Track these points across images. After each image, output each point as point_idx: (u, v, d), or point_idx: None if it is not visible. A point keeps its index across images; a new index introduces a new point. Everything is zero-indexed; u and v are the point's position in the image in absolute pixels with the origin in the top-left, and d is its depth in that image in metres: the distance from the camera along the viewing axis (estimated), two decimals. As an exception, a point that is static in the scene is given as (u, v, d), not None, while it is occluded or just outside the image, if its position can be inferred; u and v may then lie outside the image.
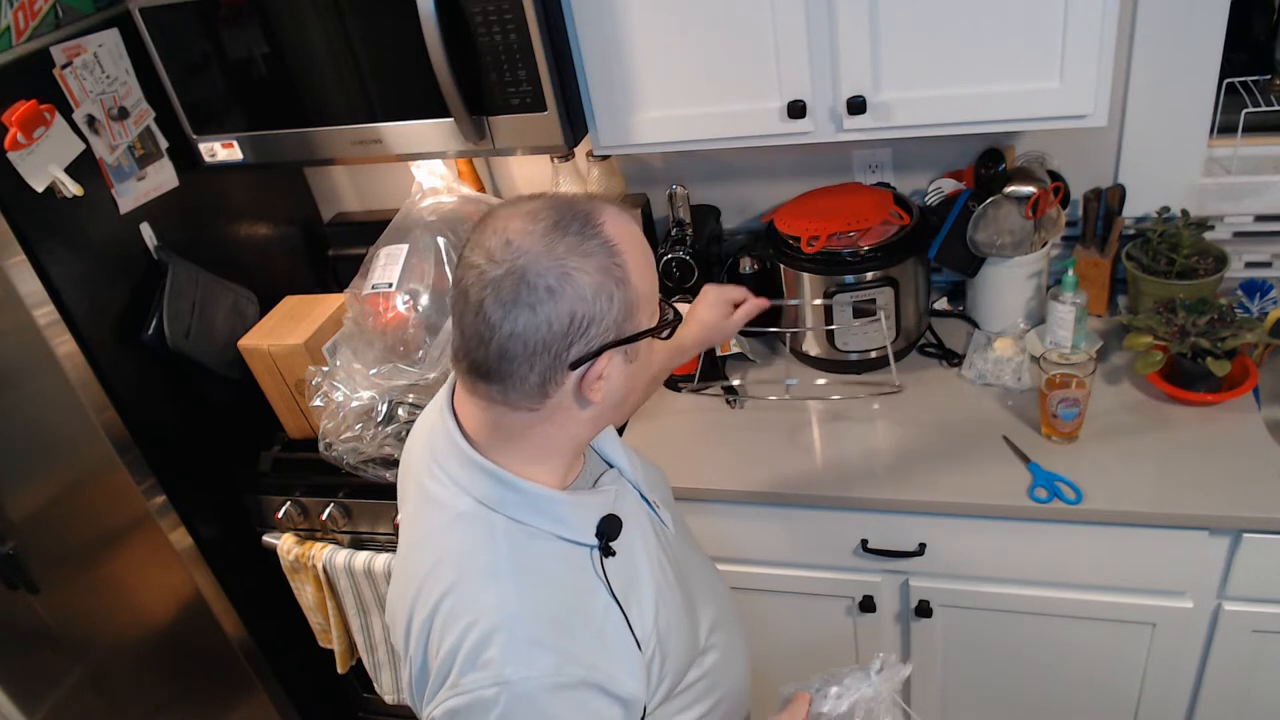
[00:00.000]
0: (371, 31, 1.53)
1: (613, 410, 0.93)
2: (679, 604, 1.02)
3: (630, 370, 0.91)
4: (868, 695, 1.06)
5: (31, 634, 2.08)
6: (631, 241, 0.86)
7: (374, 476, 1.72)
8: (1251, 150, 1.72)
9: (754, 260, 1.86)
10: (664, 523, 1.08)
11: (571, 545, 0.92)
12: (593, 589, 0.91)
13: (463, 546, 0.89)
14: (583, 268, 0.82)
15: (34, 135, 1.47)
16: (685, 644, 1.01)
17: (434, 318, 1.75)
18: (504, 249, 0.82)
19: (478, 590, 0.86)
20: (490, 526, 0.89)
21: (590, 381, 0.86)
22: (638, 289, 0.86)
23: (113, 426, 1.65)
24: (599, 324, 0.84)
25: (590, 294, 0.83)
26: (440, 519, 0.92)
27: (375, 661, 1.94)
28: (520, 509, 0.90)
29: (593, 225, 0.84)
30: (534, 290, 0.81)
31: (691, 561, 1.13)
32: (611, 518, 0.95)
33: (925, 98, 1.45)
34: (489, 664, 0.83)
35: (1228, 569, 1.43)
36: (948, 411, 1.65)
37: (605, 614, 0.90)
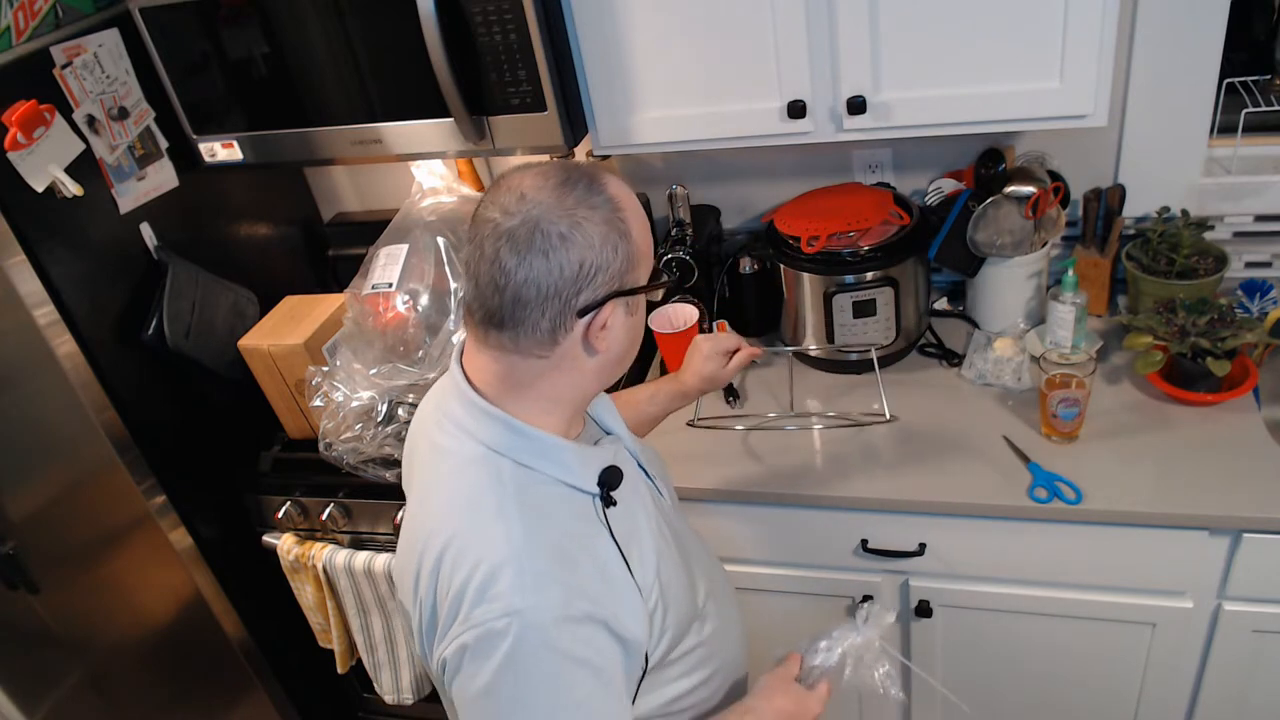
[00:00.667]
0: (371, 31, 1.53)
1: (615, 364, 0.99)
2: (678, 562, 1.06)
3: (630, 324, 0.97)
4: (856, 644, 1.13)
5: (31, 634, 2.08)
6: (631, 202, 0.94)
7: (374, 476, 1.72)
8: (1251, 150, 1.72)
9: (754, 260, 1.86)
10: (660, 493, 1.14)
11: (575, 491, 0.97)
12: (596, 534, 0.95)
13: (471, 489, 0.94)
14: (591, 219, 0.89)
15: (34, 135, 1.47)
16: (685, 601, 1.05)
17: (434, 318, 1.75)
18: (518, 202, 0.89)
19: (486, 528, 0.90)
20: (498, 470, 0.93)
21: (596, 329, 0.92)
22: (638, 244, 0.93)
23: (113, 426, 1.65)
24: (605, 272, 0.90)
25: (598, 242, 0.89)
26: (449, 465, 0.97)
27: (375, 661, 1.94)
28: (527, 454, 0.95)
29: (598, 184, 0.91)
30: (548, 238, 0.88)
31: (686, 536, 1.17)
32: (613, 469, 1.00)
33: (925, 98, 1.45)
34: (498, 597, 0.87)
35: (1228, 569, 1.43)
36: (948, 411, 1.65)
37: (608, 558, 0.95)
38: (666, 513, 1.12)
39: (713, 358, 1.40)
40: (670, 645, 1.03)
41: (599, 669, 0.90)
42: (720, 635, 1.14)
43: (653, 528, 1.04)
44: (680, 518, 1.19)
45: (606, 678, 0.91)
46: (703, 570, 1.14)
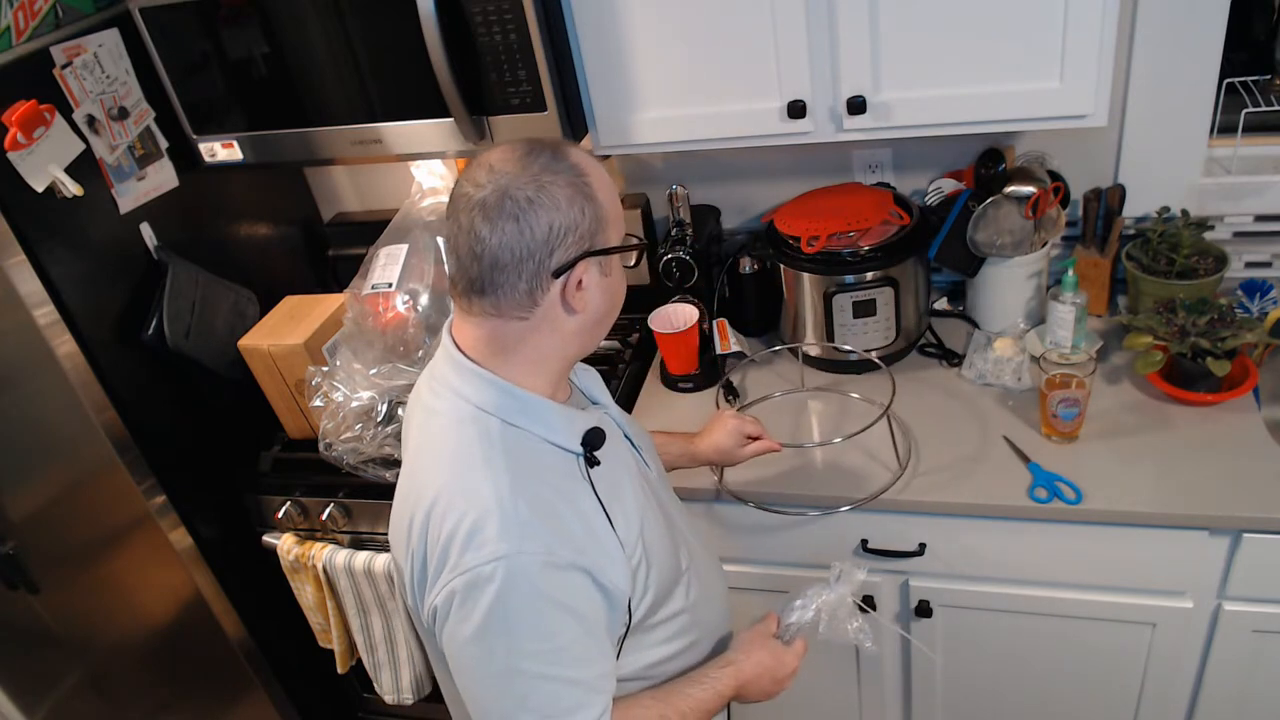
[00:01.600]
0: (371, 31, 1.53)
1: (595, 325, 1.03)
2: (662, 527, 1.11)
3: (606, 284, 1.01)
4: (830, 600, 1.20)
5: (31, 634, 2.08)
6: (595, 168, 0.98)
7: (374, 476, 1.72)
8: (1251, 150, 1.72)
9: (754, 260, 1.86)
10: (646, 463, 1.19)
11: (560, 450, 1.01)
12: (580, 491, 1.00)
13: (460, 444, 0.98)
14: (555, 183, 0.94)
15: (34, 135, 1.47)
16: (669, 561, 1.11)
17: (434, 318, 1.75)
18: (488, 174, 0.95)
19: (474, 480, 0.95)
20: (486, 427, 0.98)
21: (572, 289, 0.97)
22: (605, 206, 0.97)
23: (113, 426, 1.65)
24: (574, 233, 0.95)
25: (564, 204, 0.94)
26: (440, 423, 1.01)
27: (375, 661, 1.94)
28: (514, 413, 0.99)
29: (560, 152, 0.97)
30: (516, 202, 0.93)
31: (672, 505, 1.23)
32: (596, 430, 1.04)
33: (925, 98, 1.46)
34: (485, 543, 0.91)
35: (1228, 569, 1.43)
36: (948, 411, 1.65)
37: (591, 512, 1.00)
38: (652, 481, 1.17)
39: (734, 435, 1.45)
40: (654, 604, 1.08)
41: (583, 615, 0.96)
42: (703, 604, 1.19)
43: (636, 490, 1.09)
44: (666, 489, 1.24)
45: (590, 624, 0.97)
46: (685, 540, 1.19)
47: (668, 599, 1.12)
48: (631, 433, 1.20)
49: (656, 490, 1.18)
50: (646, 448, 1.23)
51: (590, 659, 0.97)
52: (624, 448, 1.14)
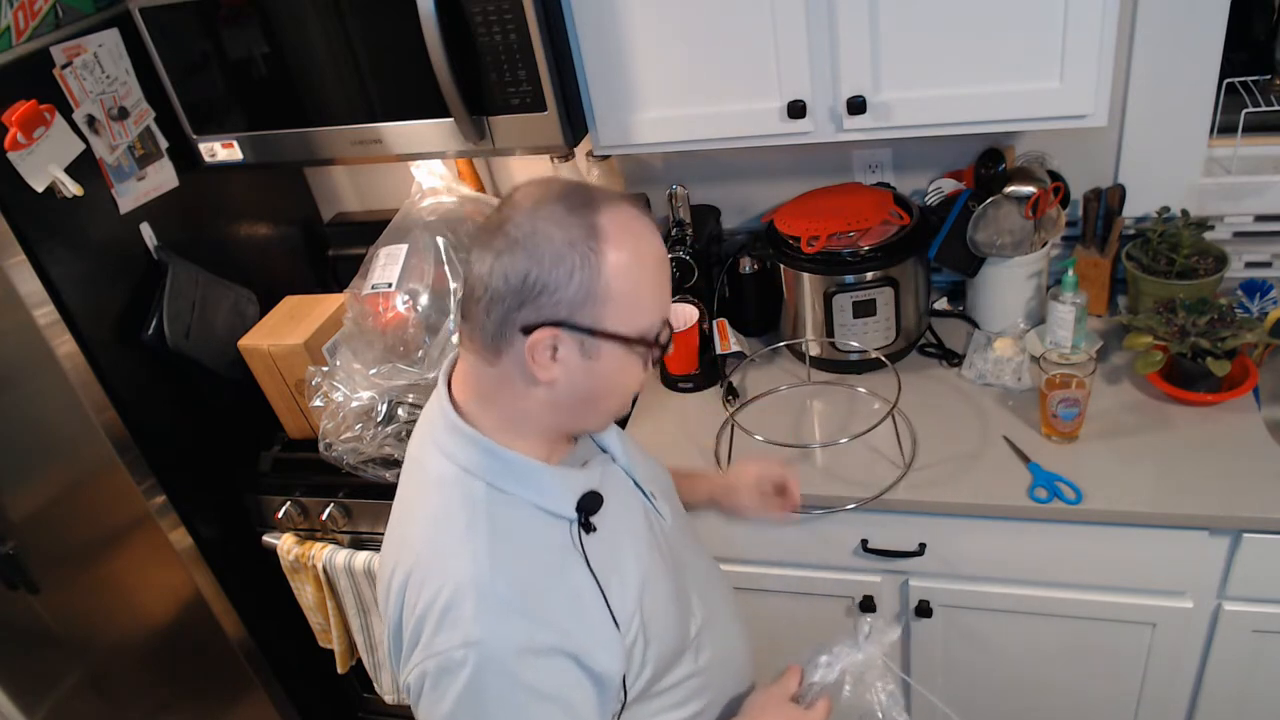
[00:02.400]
0: (371, 31, 1.53)
1: (573, 405, 0.92)
2: (668, 593, 1.02)
3: (589, 368, 0.89)
4: (857, 661, 1.07)
5: (31, 634, 2.08)
6: (626, 240, 0.86)
7: (374, 476, 1.72)
8: (1251, 150, 1.72)
9: (754, 260, 1.86)
10: (660, 514, 1.08)
11: (551, 517, 0.93)
12: (571, 562, 0.92)
13: (441, 509, 0.91)
14: (551, 234, 0.84)
15: (34, 135, 1.47)
16: (673, 633, 1.01)
17: (434, 318, 1.75)
18: (508, 203, 0.88)
19: (452, 552, 0.88)
20: (469, 491, 0.91)
21: (535, 352, 0.87)
22: (610, 284, 0.86)
23: (113, 426, 1.65)
24: (550, 294, 0.85)
25: (549, 260, 0.84)
26: (423, 481, 0.95)
27: (375, 661, 1.94)
28: (500, 476, 0.92)
29: (590, 208, 0.86)
30: (506, 238, 0.85)
31: (689, 558, 1.12)
32: (593, 494, 0.95)
33: (925, 98, 1.45)
34: (458, 624, 0.84)
35: (1228, 569, 1.43)
36: (948, 411, 1.65)
37: (583, 588, 0.91)
38: (664, 535, 1.07)
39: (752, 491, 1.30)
40: (655, 676, 0.99)
41: (568, 704, 0.88)
42: (718, 665, 1.09)
43: (640, 553, 1.00)
44: (684, 539, 1.13)
45: (576, 713, 0.89)
46: (702, 597, 1.09)
47: (674, 666, 1.03)
48: (643, 477, 1.09)
49: (669, 543, 1.07)
50: (662, 492, 1.12)
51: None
52: (632, 499, 1.05)
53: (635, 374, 0.93)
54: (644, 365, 0.93)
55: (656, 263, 0.90)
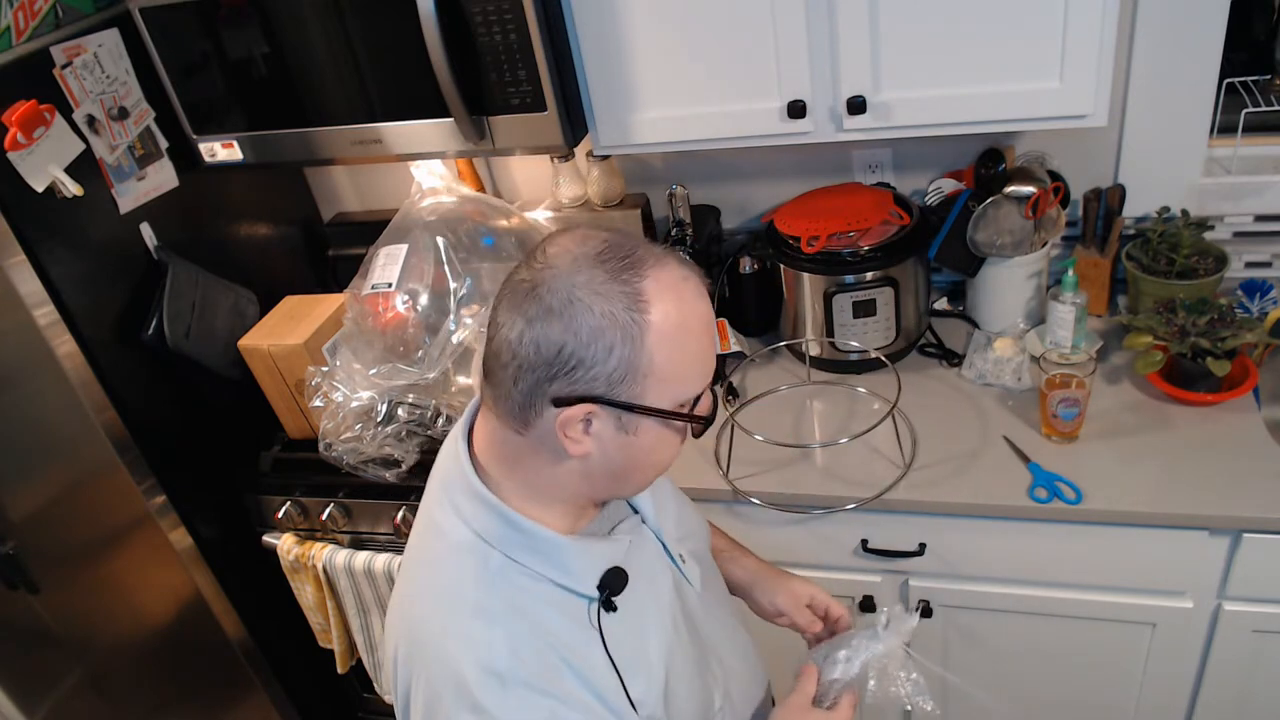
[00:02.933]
0: (371, 31, 1.53)
1: (608, 478, 0.87)
2: (692, 673, 0.97)
3: (626, 443, 0.83)
4: (878, 653, 1.03)
5: (31, 634, 2.08)
6: (672, 307, 0.79)
7: (374, 476, 1.72)
8: (1251, 150, 1.72)
9: (754, 260, 1.86)
10: (688, 580, 1.02)
11: (569, 594, 0.87)
12: (588, 641, 0.86)
13: (455, 580, 0.86)
14: (592, 305, 0.77)
15: (34, 135, 1.47)
16: (693, 705, 0.96)
17: (433, 318, 1.75)
18: (541, 256, 0.80)
19: (466, 629, 0.82)
20: (485, 562, 0.85)
21: (568, 427, 0.80)
22: (654, 359, 0.78)
23: (113, 426, 1.64)
24: (587, 370, 0.78)
25: (587, 335, 0.77)
26: (437, 548, 0.89)
27: (375, 661, 1.94)
28: (518, 548, 0.86)
29: (635, 271, 0.78)
30: (539, 304, 0.78)
31: (716, 622, 1.06)
32: (617, 571, 0.89)
33: (925, 98, 1.45)
34: (480, 710, 0.79)
35: (1228, 569, 1.43)
36: (948, 411, 1.65)
37: (601, 670, 0.86)
38: (690, 604, 1.01)
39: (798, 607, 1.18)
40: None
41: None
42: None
43: (665, 627, 0.94)
44: (712, 600, 1.07)
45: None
46: (725, 667, 1.04)
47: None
48: (673, 537, 1.02)
49: (694, 613, 1.01)
50: (692, 552, 1.05)
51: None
52: (660, 567, 0.98)
53: (674, 447, 0.87)
54: (682, 438, 0.87)
55: (703, 328, 0.83)
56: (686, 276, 0.82)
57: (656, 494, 1.02)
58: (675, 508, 1.07)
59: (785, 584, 1.16)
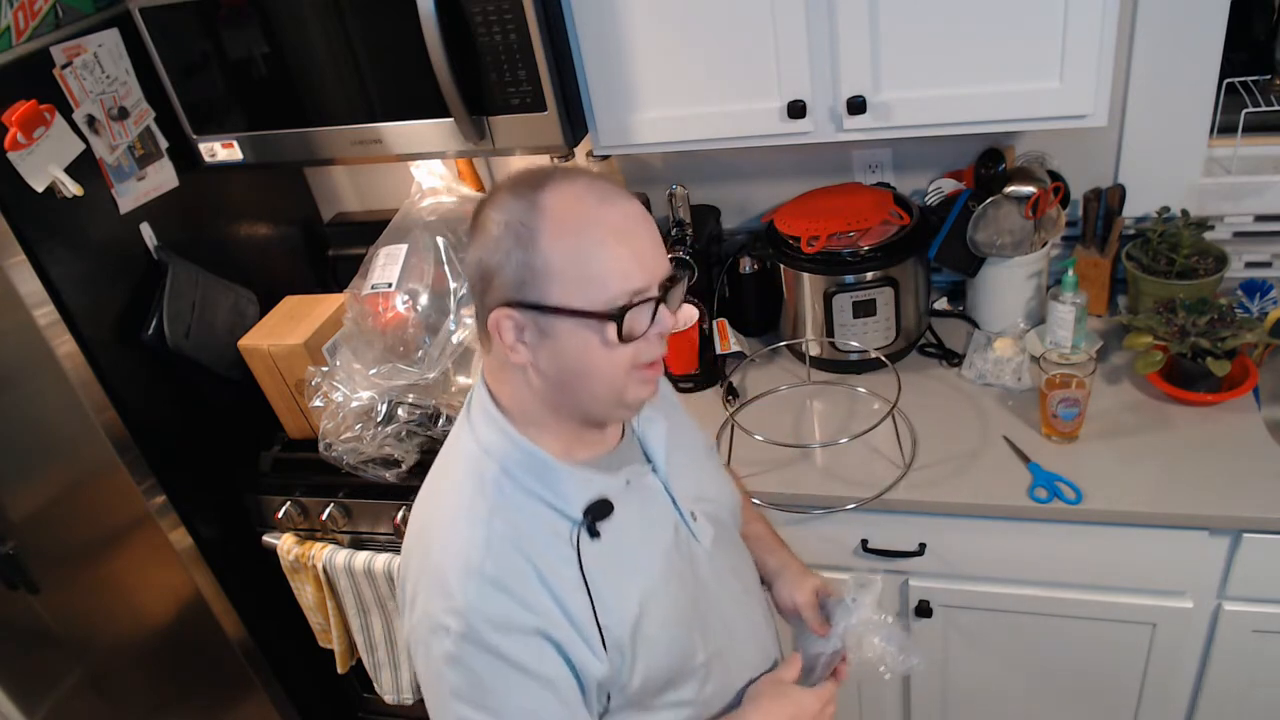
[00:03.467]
0: (371, 31, 1.53)
1: (557, 390, 0.92)
2: (676, 618, 1.00)
3: (552, 348, 0.88)
4: (853, 625, 1.08)
5: (31, 634, 2.08)
6: (570, 214, 0.86)
7: (374, 476, 1.72)
8: (1251, 150, 1.72)
9: (754, 260, 1.86)
10: (695, 536, 1.05)
11: (556, 514, 0.93)
12: (566, 560, 0.92)
13: (454, 484, 0.95)
14: (493, 219, 0.87)
15: (34, 135, 1.47)
16: (671, 658, 0.99)
17: (434, 318, 1.75)
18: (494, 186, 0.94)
19: (452, 525, 0.91)
20: (481, 473, 0.93)
21: (502, 334, 0.89)
22: (550, 258, 0.85)
23: (113, 426, 1.64)
24: (498, 276, 0.87)
25: (492, 243, 0.87)
26: (449, 455, 0.99)
27: (375, 661, 1.94)
28: (516, 464, 0.93)
29: (535, 186, 0.87)
30: (471, 232, 0.90)
31: (724, 586, 1.08)
32: (603, 502, 0.95)
33: (925, 98, 1.45)
34: (449, 594, 0.88)
35: (1228, 569, 1.43)
36: (948, 411, 1.65)
37: (572, 589, 0.91)
38: (696, 560, 1.04)
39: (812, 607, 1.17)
40: (646, 691, 0.98)
41: (551, 684, 0.90)
42: (723, 697, 1.07)
43: (652, 571, 0.98)
44: (724, 564, 1.10)
45: (561, 695, 0.90)
46: (726, 629, 1.06)
47: (672, 688, 1.01)
48: (685, 495, 1.05)
49: (699, 567, 1.04)
50: (710, 514, 1.09)
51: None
52: (662, 515, 1.02)
53: (603, 356, 0.89)
54: (609, 345, 0.88)
55: (611, 232, 0.86)
56: (591, 185, 0.88)
57: (674, 451, 1.06)
58: (699, 470, 1.11)
59: (807, 582, 1.19)
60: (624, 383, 0.92)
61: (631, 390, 0.93)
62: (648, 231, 0.90)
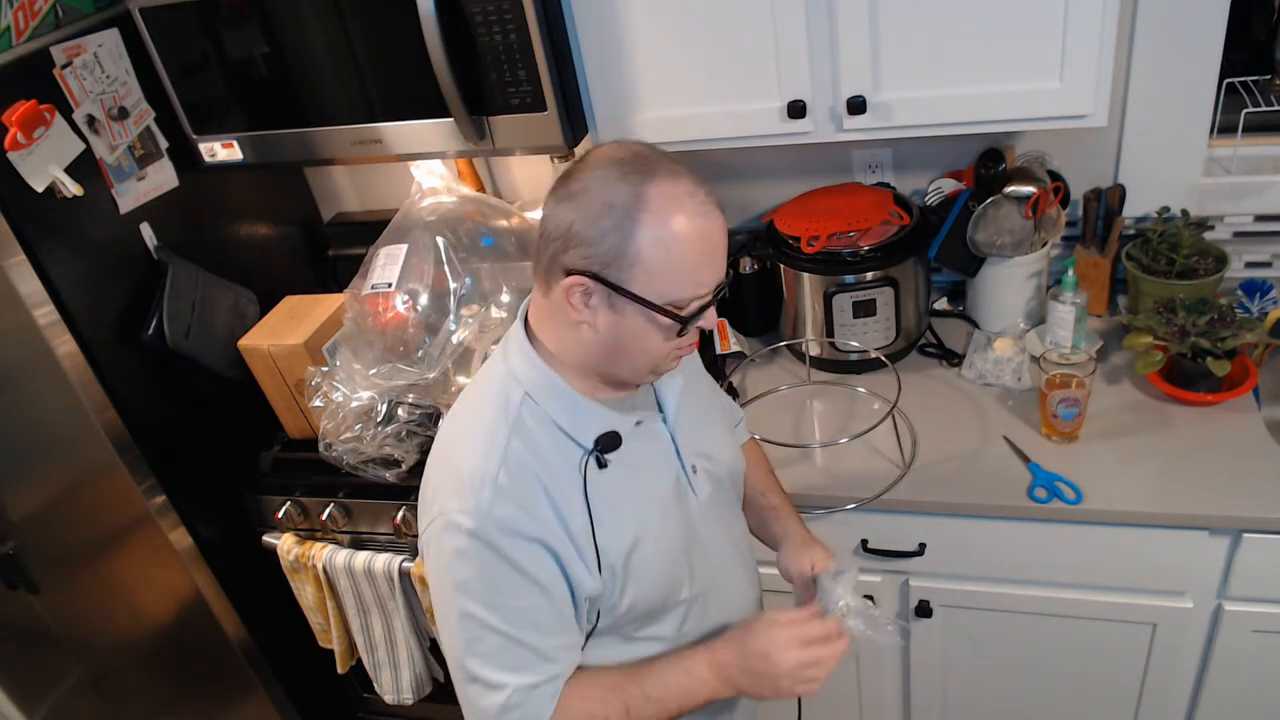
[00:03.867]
0: (371, 31, 1.53)
1: (602, 351, 1.00)
2: (666, 553, 1.07)
3: (613, 321, 0.96)
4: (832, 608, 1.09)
5: (31, 634, 2.08)
6: (668, 215, 0.92)
7: (374, 476, 1.72)
8: (1251, 150, 1.72)
9: (754, 260, 1.86)
10: (692, 487, 1.13)
11: (569, 440, 1.02)
12: (573, 484, 1.01)
13: (479, 403, 1.04)
14: (599, 192, 0.92)
15: (34, 135, 1.47)
16: (657, 588, 1.07)
17: (434, 318, 1.75)
18: (584, 159, 0.97)
19: (474, 439, 1.00)
20: (507, 395, 1.02)
21: (570, 295, 0.95)
22: (641, 251, 0.92)
23: (113, 426, 1.64)
24: (586, 247, 0.93)
25: (590, 216, 0.92)
26: (480, 377, 1.08)
27: (375, 661, 1.94)
28: (539, 390, 1.01)
29: (643, 177, 0.92)
30: (565, 190, 0.95)
31: (714, 537, 1.16)
32: (612, 434, 1.03)
33: (925, 98, 1.45)
34: (462, 495, 0.97)
35: (1228, 569, 1.43)
36: (948, 411, 1.65)
37: (576, 512, 1.00)
38: (689, 508, 1.12)
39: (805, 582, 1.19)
40: (631, 617, 1.07)
41: (545, 587, 0.98)
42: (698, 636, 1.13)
43: (649, 507, 1.06)
44: (716, 519, 1.17)
45: (553, 600, 0.99)
46: (709, 574, 1.14)
47: (655, 621, 1.10)
48: (690, 448, 1.13)
49: (693, 517, 1.12)
50: (710, 471, 1.16)
51: (547, 629, 1.00)
52: (665, 461, 1.11)
53: (657, 341, 0.98)
54: (666, 335, 0.98)
55: (697, 240, 0.94)
56: (693, 193, 0.94)
57: (685, 407, 1.14)
58: (706, 429, 1.19)
59: (803, 556, 1.20)
60: (662, 360, 1.02)
61: (667, 365, 1.03)
62: (722, 245, 0.98)
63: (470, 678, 1.00)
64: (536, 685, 1.00)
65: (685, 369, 1.16)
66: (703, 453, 1.16)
